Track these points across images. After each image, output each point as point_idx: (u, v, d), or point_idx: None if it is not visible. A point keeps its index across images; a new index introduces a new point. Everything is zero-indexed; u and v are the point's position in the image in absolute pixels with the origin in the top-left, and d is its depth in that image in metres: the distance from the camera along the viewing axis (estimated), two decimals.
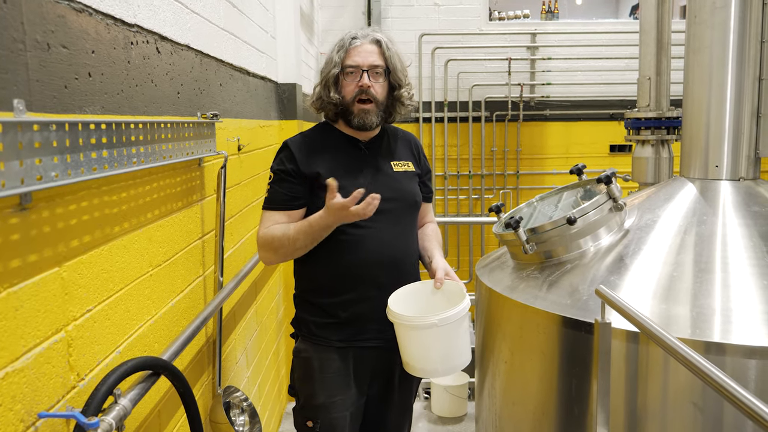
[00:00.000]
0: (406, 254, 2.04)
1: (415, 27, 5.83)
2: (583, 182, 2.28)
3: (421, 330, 1.77)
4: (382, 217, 1.94)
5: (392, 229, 1.99)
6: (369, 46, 1.98)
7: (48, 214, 1.16)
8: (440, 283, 1.95)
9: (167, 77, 1.79)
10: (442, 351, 1.82)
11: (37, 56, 1.13)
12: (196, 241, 2.05)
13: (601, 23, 6.14)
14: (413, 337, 1.80)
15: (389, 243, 1.98)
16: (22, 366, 1.08)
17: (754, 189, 2.00)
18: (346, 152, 2.01)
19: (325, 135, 2.05)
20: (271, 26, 3.53)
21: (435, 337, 1.77)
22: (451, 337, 1.80)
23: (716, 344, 1.51)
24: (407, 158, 2.11)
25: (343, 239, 1.92)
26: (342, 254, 1.91)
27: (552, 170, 6.09)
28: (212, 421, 2.13)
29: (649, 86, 3.40)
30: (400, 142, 2.14)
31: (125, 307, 1.49)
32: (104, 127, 1.28)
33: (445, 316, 1.74)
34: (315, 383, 1.96)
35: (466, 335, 1.86)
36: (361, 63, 1.96)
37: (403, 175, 2.06)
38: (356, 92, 1.95)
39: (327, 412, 1.94)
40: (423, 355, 1.83)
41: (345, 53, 1.97)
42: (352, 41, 1.98)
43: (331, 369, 1.96)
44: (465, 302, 1.80)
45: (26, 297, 1.09)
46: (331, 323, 1.96)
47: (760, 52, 1.97)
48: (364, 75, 1.95)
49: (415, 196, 2.07)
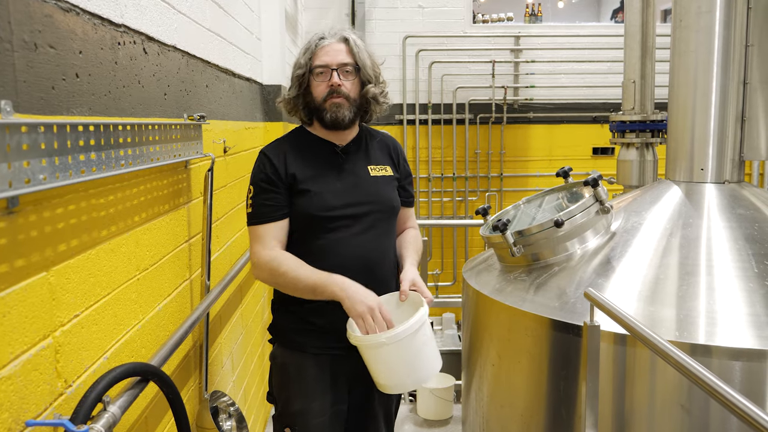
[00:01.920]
0: (383, 260, 1.99)
1: (399, 29, 5.84)
2: (569, 185, 2.29)
3: (376, 348, 1.73)
4: (357, 222, 1.91)
5: (368, 234, 1.94)
6: (337, 45, 1.93)
7: (35, 217, 1.14)
8: (405, 295, 1.89)
9: (154, 78, 1.77)
10: (403, 366, 1.77)
11: (25, 56, 1.10)
12: (182, 244, 2.03)
13: (584, 26, 6.20)
14: (372, 355, 1.76)
15: (365, 249, 1.93)
16: (10, 373, 1.05)
17: (739, 192, 2.02)
18: (322, 156, 1.96)
19: (300, 139, 2.00)
20: (257, 27, 3.51)
21: (391, 354, 1.73)
22: (410, 351, 1.75)
23: (702, 346, 1.53)
24: (385, 162, 2.06)
25: (319, 245, 1.89)
26: (318, 260, 1.86)
27: (535, 172, 6.13)
28: (199, 426, 2.11)
29: (634, 89, 3.43)
30: (378, 145, 2.08)
31: (113, 312, 1.47)
32: (92, 129, 1.26)
33: (393, 334, 1.70)
34: (291, 389, 1.94)
35: (430, 344, 1.81)
36: (329, 62, 1.91)
37: (380, 180, 2.01)
38: (327, 92, 1.91)
39: (304, 418, 1.91)
40: (385, 372, 1.78)
41: (312, 54, 1.92)
42: (320, 42, 1.93)
43: (307, 375, 1.92)
44: (416, 317, 1.73)
45: (14, 303, 1.07)
46: (307, 330, 1.92)
47: (744, 56, 1.99)
48: (333, 74, 1.90)
49: (392, 201, 2.02)
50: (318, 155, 1.96)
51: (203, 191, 2.23)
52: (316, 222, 1.89)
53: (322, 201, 1.87)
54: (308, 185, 1.89)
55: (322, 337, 1.92)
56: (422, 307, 1.78)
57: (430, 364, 1.82)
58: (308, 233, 1.91)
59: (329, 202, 1.89)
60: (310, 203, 1.87)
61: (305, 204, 1.88)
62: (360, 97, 1.95)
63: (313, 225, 1.89)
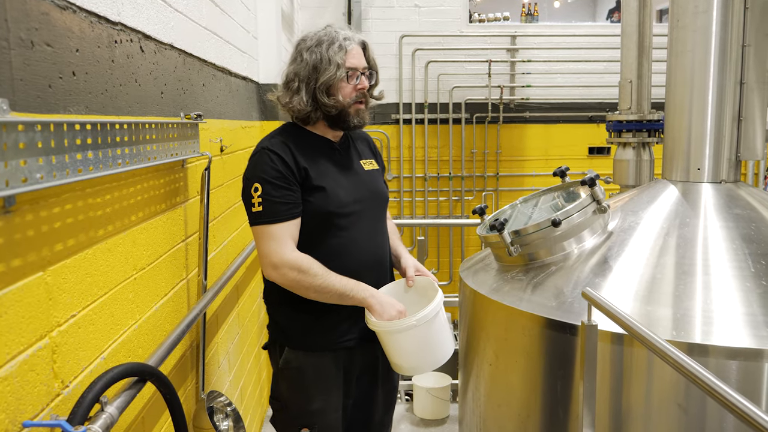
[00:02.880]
0: (387, 252, 2.06)
1: (395, 28, 5.84)
2: (566, 184, 2.29)
3: (402, 333, 1.81)
4: (364, 217, 1.93)
5: (374, 228, 1.99)
6: (358, 48, 1.93)
7: (32, 217, 1.13)
8: (412, 281, 1.99)
9: (151, 77, 1.77)
10: (426, 347, 1.87)
11: (21, 54, 1.10)
12: (179, 243, 2.02)
13: (580, 26, 6.20)
14: (396, 340, 1.83)
15: (374, 243, 1.98)
16: (6, 374, 1.05)
17: (735, 192, 2.03)
18: (325, 153, 1.95)
19: (298, 136, 1.95)
20: (253, 26, 3.50)
21: (417, 336, 1.82)
22: (432, 332, 1.84)
23: (698, 345, 1.53)
24: (370, 156, 2.10)
25: (336, 243, 1.89)
26: (334, 259, 1.86)
27: (531, 172, 6.14)
28: (196, 426, 2.10)
29: (631, 89, 3.44)
30: (360, 140, 2.11)
31: (109, 311, 1.46)
32: (89, 128, 1.25)
33: (422, 315, 1.79)
34: (311, 390, 1.92)
35: (446, 325, 1.91)
36: (357, 65, 1.91)
37: (373, 173, 2.06)
38: (355, 96, 1.90)
39: (323, 416, 1.92)
40: (408, 355, 1.87)
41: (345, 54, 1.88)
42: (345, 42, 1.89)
43: (327, 374, 1.93)
44: (439, 296, 1.86)
45: (10, 303, 1.06)
46: (323, 329, 1.92)
47: (741, 56, 1.99)
48: (362, 78, 1.92)
49: (385, 192, 2.08)
50: (320, 152, 1.95)
51: (200, 190, 2.22)
52: (331, 219, 1.87)
53: (337, 197, 1.87)
54: (321, 181, 1.87)
55: (335, 331, 1.93)
56: (437, 290, 1.90)
57: (448, 345, 1.92)
58: (323, 232, 1.88)
59: (343, 198, 1.89)
60: (327, 200, 1.85)
61: (322, 201, 1.85)
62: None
63: (328, 223, 1.88)
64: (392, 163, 6.04)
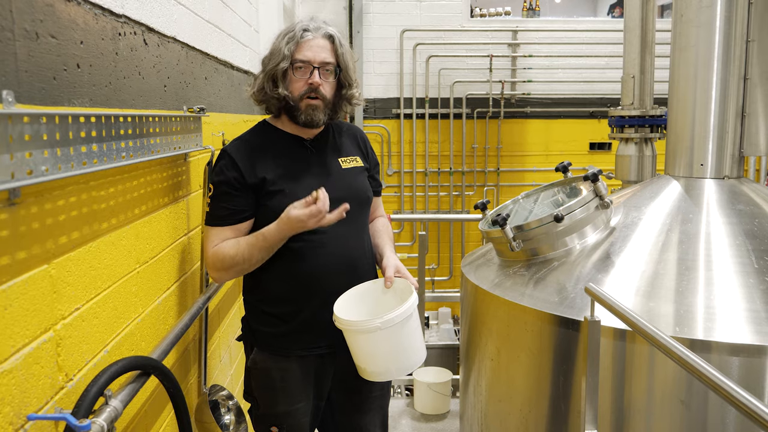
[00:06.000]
0: (363, 254, 1.95)
1: (396, 23, 5.82)
2: (568, 180, 2.29)
3: (367, 334, 1.70)
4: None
5: (347, 229, 1.88)
6: (321, 41, 1.83)
7: (37, 209, 1.13)
8: (390, 282, 1.87)
9: (154, 70, 1.76)
10: (392, 352, 1.76)
11: (26, 46, 1.09)
12: (182, 237, 2.02)
13: (582, 21, 6.19)
14: (360, 341, 1.73)
15: (346, 245, 1.89)
16: (11, 367, 1.05)
17: (738, 187, 2.02)
18: (292, 153, 1.89)
19: (266, 136, 1.90)
20: (255, 19, 3.49)
21: (382, 340, 1.71)
22: (400, 337, 1.73)
23: (701, 341, 1.53)
24: (354, 153, 2.00)
25: (299, 246, 1.81)
26: (300, 261, 1.82)
27: (532, 167, 6.13)
28: (198, 420, 2.10)
29: (633, 84, 3.43)
30: (346, 136, 2.03)
31: (113, 305, 1.46)
32: (94, 120, 1.25)
33: (388, 318, 1.67)
34: (276, 393, 1.88)
35: (417, 333, 1.79)
36: (312, 59, 1.81)
37: (352, 172, 1.96)
38: (305, 90, 1.82)
39: (291, 418, 1.88)
40: (372, 359, 1.76)
41: (295, 46, 1.81)
42: (304, 34, 1.82)
43: (292, 379, 1.87)
44: (409, 301, 1.72)
45: (15, 296, 1.06)
46: (289, 332, 1.86)
47: (745, 51, 1.99)
48: (314, 72, 1.81)
49: (366, 192, 1.98)
50: (287, 152, 1.88)
51: (202, 184, 2.22)
52: None
53: (296, 199, 1.74)
54: (280, 185, 1.81)
55: (304, 338, 1.86)
56: (412, 293, 1.76)
57: (417, 353, 1.81)
58: None
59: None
60: (283, 202, 1.76)
61: (278, 204, 1.77)
62: (335, 98, 1.89)
63: None
64: (393, 157, 6.04)
